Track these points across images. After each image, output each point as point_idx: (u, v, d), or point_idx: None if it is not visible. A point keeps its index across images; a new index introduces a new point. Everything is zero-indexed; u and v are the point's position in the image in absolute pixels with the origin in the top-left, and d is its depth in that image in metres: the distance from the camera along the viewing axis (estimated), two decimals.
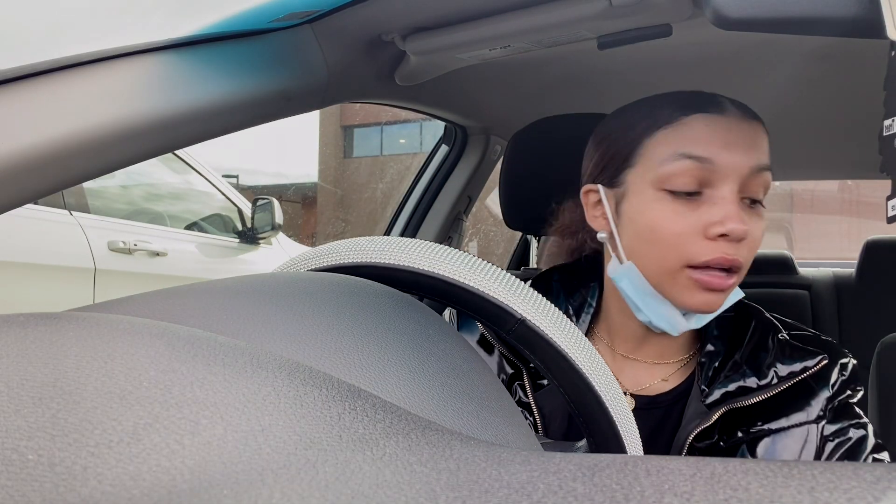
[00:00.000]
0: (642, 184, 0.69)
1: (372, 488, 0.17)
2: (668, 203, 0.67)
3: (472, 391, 0.29)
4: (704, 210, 0.66)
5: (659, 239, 0.67)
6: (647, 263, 0.69)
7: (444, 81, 0.99)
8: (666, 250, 0.66)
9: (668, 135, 0.68)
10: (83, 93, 0.52)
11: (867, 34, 0.46)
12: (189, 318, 0.27)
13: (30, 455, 0.17)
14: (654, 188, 0.67)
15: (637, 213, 0.69)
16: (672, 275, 0.67)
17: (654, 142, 0.69)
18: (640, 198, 0.69)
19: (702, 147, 0.66)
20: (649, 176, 0.68)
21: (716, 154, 0.65)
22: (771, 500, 0.15)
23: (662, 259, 0.67)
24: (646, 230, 0.68)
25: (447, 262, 0.37)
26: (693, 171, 0.65)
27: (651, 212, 0.67)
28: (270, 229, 3.38)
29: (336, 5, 0.71)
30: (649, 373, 0.76)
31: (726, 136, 0.66)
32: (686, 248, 0.65)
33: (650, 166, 0.68)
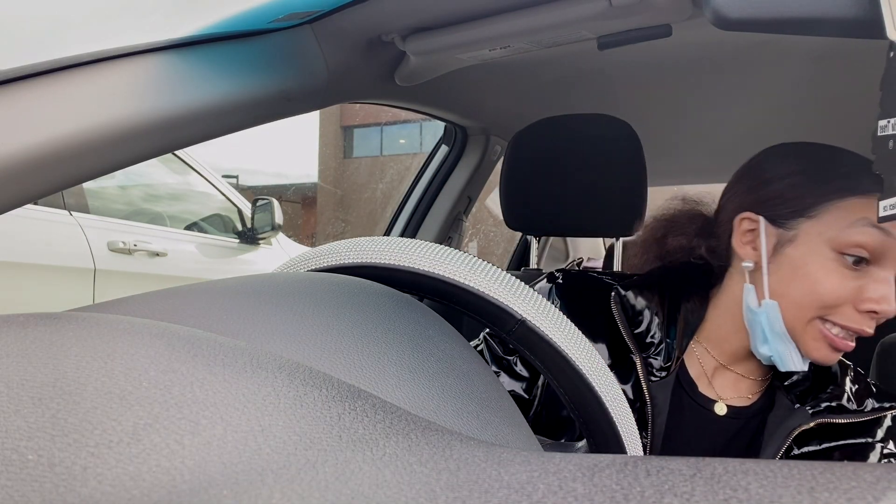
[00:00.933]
0: (816, 237, 0.70)
1: (372, 488, 0.17)
2: (838, 266, 0.68)
3: (472, 391, 0.29)
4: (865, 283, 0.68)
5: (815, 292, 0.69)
6: (789, 308, 0.71)
7: (444, 82, 0.99)
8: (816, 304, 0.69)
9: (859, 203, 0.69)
10: (83, 93, 0.52)
11: (867, 34, 0.46)
12: (189, 318, 0.27)
13: (30, 455, 0.17)
14: (829, 247, 0.69)
15: (802, 262, 0.70)
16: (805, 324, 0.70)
17: (846, 206, 0.69)
18: (810, 250, 0.70)
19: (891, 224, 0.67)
20: (829, 234, 0.69)
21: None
22: (771, 500, 0.15)
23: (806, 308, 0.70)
24: (807, 280, 0.70)
25: (447, 263, 0.37)
26: (874, 242, 0.67)
27: (819, 266, 0.69)
28: (270, 229, 3.38)
29: (336, 5, 0.71)
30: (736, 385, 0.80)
31: None
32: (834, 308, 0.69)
33: (833, 226, 0.69)
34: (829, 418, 0.74)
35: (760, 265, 0.74)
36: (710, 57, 1.08)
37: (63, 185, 0.54)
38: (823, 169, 0.73)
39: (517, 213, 1.14)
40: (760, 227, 0.74)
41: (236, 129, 0.68)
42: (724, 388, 0.80)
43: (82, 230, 2.61)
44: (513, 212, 1.14)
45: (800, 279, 0.70)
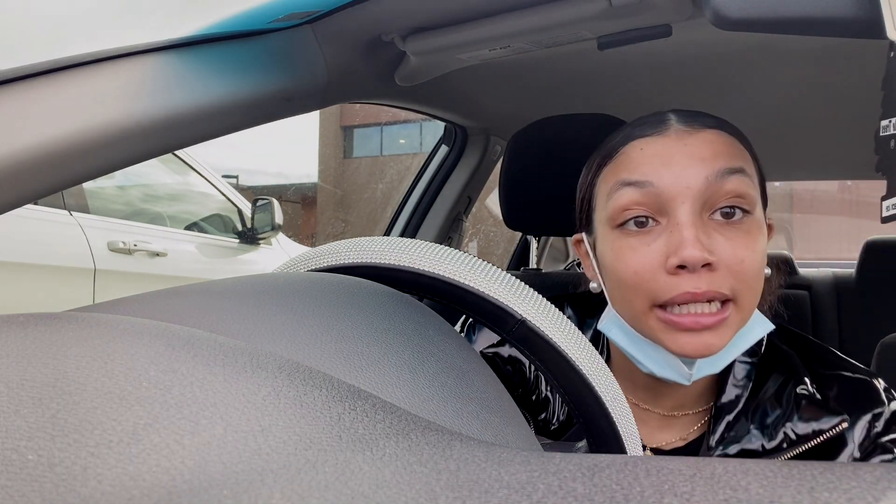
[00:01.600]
0: (602, 225, 0.64)
1: (372, 488, 0.17)
2: (623, 240, 0.61)
3: (472, 391, 0.29)
4: (661, 241, 0.59)
5: (621, 280, 0.61)
6: (620, 308, 0.63)
7: (444, 82, 0.99)
8: (630, 291, 0.60)
9: (610, 169, 0.64)
10: (83, 93, 0.52)
11: (867, 35, 0.46)
12: (189, 318, 0.27)
13: (30, 455, 0.17)
14: (609, 227, 0.63)
15: (603, 256, 0.64)
16: (644, 317, 0.60)
17: (602, 179, 0.65)
18: (603, 240, 0.64)
19: (637, 171, 0.60)
20: (604, 215, 0.63)
21: (653, 174, 0.59)
22: (771, 500, 0.15)
23: (630, 301, 0.61)
24: (611, 272, 0.63)
25: (447, 263, 0.37)
26: (637, 199, 0.60)
27: (610, 251, 0.62)
28: (270, 229, 3.38)
29: (336, 6, 0.71)
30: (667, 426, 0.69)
31: (665, 154, 0.60)
32: (648, 285, 0.59)
33: (602, 205, 0.64)
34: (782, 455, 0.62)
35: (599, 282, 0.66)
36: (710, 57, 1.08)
37: (63, 185, 0.54)
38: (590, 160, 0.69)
39: (517, 213, 1.14)
40: (584, 241, 0.69)
41: (236, 129, 0.68)
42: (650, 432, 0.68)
43: (82, 230, 2.62)
44: (513, 212, 1.14)
45: (609, 272, 0.63)
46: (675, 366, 0.61)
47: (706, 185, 0.58)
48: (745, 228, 0.59)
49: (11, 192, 0.49)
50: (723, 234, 0.58)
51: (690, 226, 0.57)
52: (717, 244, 0.57)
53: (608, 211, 0.62)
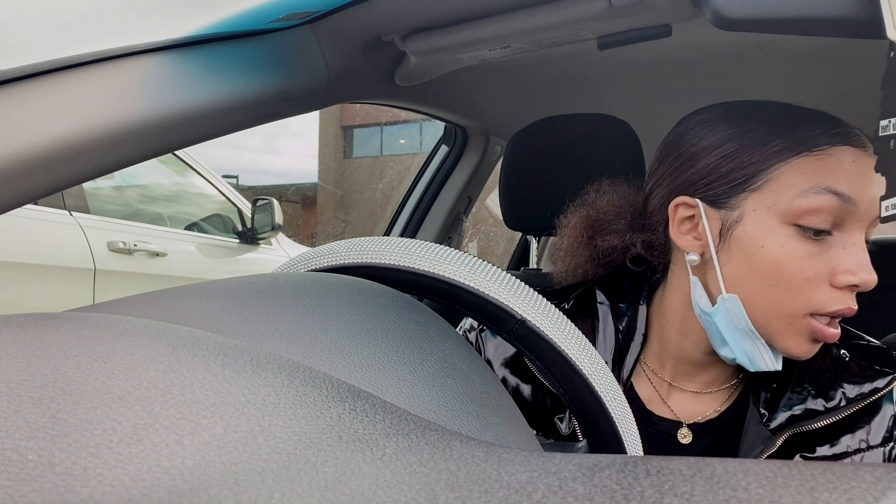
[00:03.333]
0: (765, 212, 0.60)
1: (372, 489, 0.17)
2: (796, 241, 0.59)
3: (472, 391, 0.29)
4: (833, 254, 0.59)
5: (784, 280, 0.59)
6: (758, 302, 0.61)
7: (443, 82, 0.99)
8: (790, 294, 0.59)
9: (810, 163, 0.59)
10: (83, 93, 0.52)
11: (867, 34, 0.46)
12: (189, 318, 0.27)
13: (29, 455, 0.17)
14: (782, 221, 0.59)
15: (756, 245, 0.60)
16: (791, 320, 0.60)
17: (792, 168, 0.60)
18: (760, 227, 0.60)
19: (851, 187, 0.58)
20: (779, 205, 0.59)
21: (860, 195, 0.58)
22: (771, 500, 0.15)
23: (783, 302, 0.60)
24: (768, 268, 0.60)
25: (447, 263, 0.37)
26: (833, 210, 0.58)
27: (776, 247, 0.59)
28: (270, 230, 3.38)
29: (336, 6, 0.71)
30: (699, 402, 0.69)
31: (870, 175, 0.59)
32: (813, 294, 0.59)
33: (781, 195, 0.59)
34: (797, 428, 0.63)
35: (708, 256, 0.63)
36: (709, 57, 1.08)
37: (63, 185, 0.54)
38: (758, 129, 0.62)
39: (517, 213, 1.14)
40: (700, 212, 0.63)
41: (236, 129, 0.68)
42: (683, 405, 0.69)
43: (82, 230, 2.62)
44: (512, 212, 1.14)
45: (762, 266, 0.60)
46: (761, 358, 0.62)
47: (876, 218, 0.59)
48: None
49: (11, 192, 0.49)
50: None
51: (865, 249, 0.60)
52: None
53: (791, 206, 0.59)
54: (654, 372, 0.70)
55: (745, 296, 0.61)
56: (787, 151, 0.60)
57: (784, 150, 0.60)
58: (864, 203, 0.59)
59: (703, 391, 0.69)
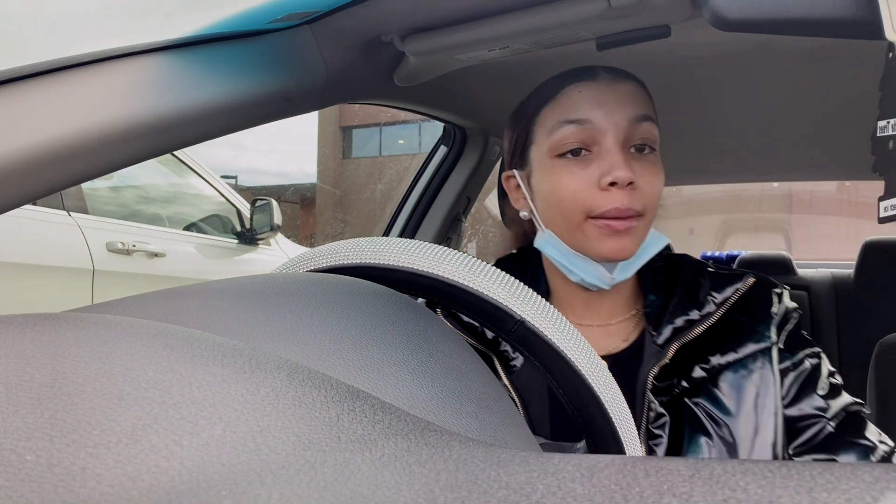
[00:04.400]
0: (541, 156, 0.77)
1: (371, 489, 0.17)
2: (563, 166, 0.74)
3: (471, 392, 0.29)
4: (595, 166, 0.73)
5: (561, 199, 0.74)
6: (559, 224, 0.76)
7: (442, 82, 0.99)
8: (569, 207, 0.73)
9: (552, 108, 0.77)
10: (83, 93, 0.52)
11: (865, 35, 0.46)
12: (187, 318, 0.27)
13: (28, 456, 0.17)
14: (549, 157, 0.75)
15: (542, 183, 0.77)
16: (579, 228, 0.74)
17: (543, 117, 0.77)
18: (542, 169, 0.77)
19: (579, 111, 0.74)
20: (545, 147, 0.76)
21: (591, 114, 0.73)
22: (770, 501, 0.15)
23: (568, 216, 0.74)
24: (550, 194, 0.76)
25: (446, 263, 0.37)
26: (576, 134, 0.73)
27: (551, 177, 0.75)
28: (269, 230, 3.38)
29: (335, 6, 0.71)
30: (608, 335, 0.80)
31: (598, 98, 0.74)
32: (585, 201, 0.72)
33: (543, 139, 0.76)
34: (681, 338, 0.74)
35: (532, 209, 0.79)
36: (708, 58, 1.08)
37: (63, 185, 0.54)
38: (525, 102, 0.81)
39: None
40: (517, 178, 0.81)
41: (235, 129, 0.68)
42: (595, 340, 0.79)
43: (81, 231, 2.61)
44: None
45: (548, 195, 0.76)
46: (600, 272, 0.75)
47: (628, 124, 0.73)
48: (652, 161, 0.75)
49: (11, 192, 0.49)
50: (638, 163, 0.74)
51: (619, 153, 0.72)
52: (634, 170, 0.72)
53: (549, 144, 0.75)
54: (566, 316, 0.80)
55: (552, 226, 0.77)
56: (538, 106, 0.78)
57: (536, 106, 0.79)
58: (599, 118, 0.73)
59: (608, 323, 0.81)
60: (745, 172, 1.98)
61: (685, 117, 1.39)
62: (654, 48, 0.79)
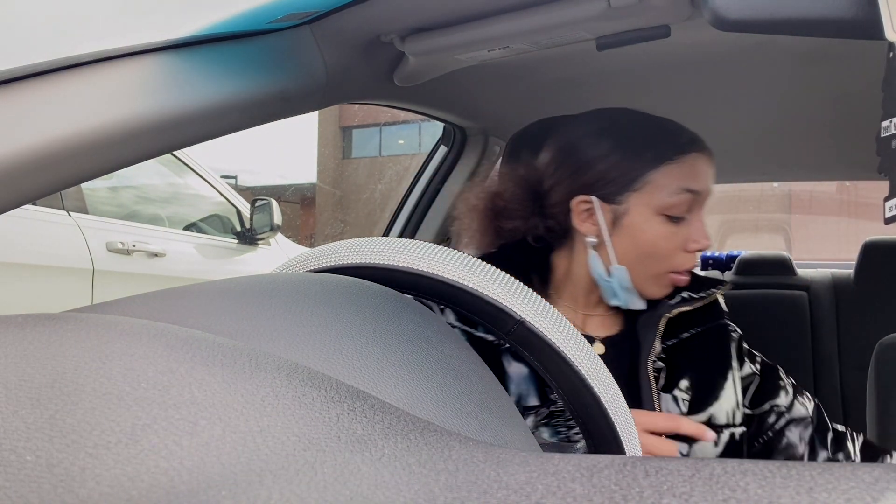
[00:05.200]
0: (644, 207, 0.83)
1: (371, 489, 0.17)
2: (665, 225, 0.83)
3: (471, 392, 0.29)
4: (685, 229, 0.84)
5: (655, 253, 0.84)
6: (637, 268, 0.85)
7: (442, 82, 0.99)
8: (659, 262, 0.84)
9: (672, 170, 0.83)
10: (83, 93, 0.52)
11: (865, 35, 0.46)
12: (187, 318, 0.27)
13: (28, 456, 0.17)
14: (655, 212, 0.83)
15: (639, 231, 0.84)
16: (658, 278, 0.86)
17: (660, 174, 0.83)
18: (641, 218, 0.84)
19: (699, 183, 0.83)
20: (653, 202, 0.83)
21: (705, 187, 0.84)
22: (769, 501, 0.15)
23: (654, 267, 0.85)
24: (645, 245, 0.84)
25: (446, 264, 0.37)
26: (689, 202, 0.83)
27: (652, 231, 0.83)
28: (269, 230, 3.38)
29: (335, 6, 0.71)
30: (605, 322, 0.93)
31: (709, 171, 0.85)
32: (674, 259, 0.84)
33: (655, 195, 0.83)
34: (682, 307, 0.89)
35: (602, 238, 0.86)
36: (708, 58, 1.08)
37: (63, 185, 0.54)
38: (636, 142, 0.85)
39: None
40: (595, 207, 0.85)
41: (235, 129, 0.68)
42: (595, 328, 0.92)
43: (81, 231, 2.61)
44: None
45: (640, 245, 0.84)
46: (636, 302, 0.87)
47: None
48: None
49: (11, 192, 0.49)
50: None
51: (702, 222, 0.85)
52: None
53: (662, 202, 0.82)
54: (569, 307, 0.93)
55: (629, 265, 0.85)
56: (656, 161, 0.83)
57: (654, 159, 0.83)
58: (707, 192, 0.85)
59: (607, 314, 0.93)
60: (745, 172, 1.98)
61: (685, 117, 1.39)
62: (654, 48, 0.79)
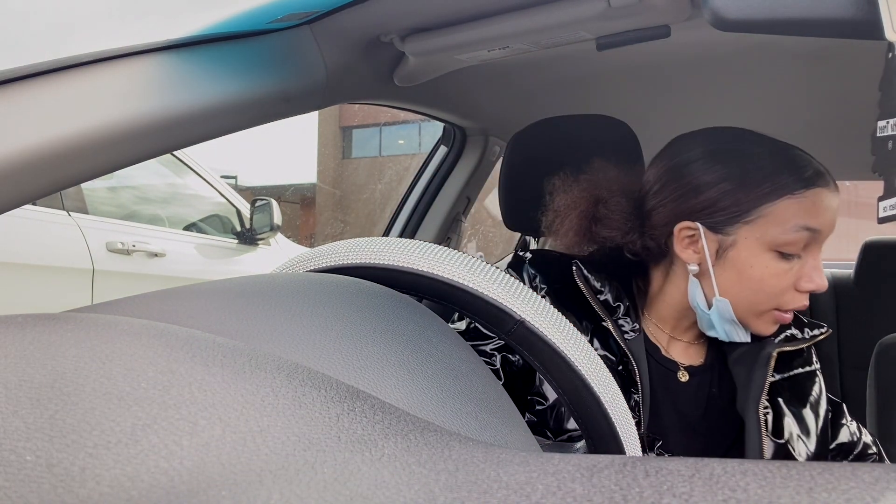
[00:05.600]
0: (755, 241, 0.76)
1: (370, 489, 0.17)
2: (777, 263, 0.76)
3: (471, 392, 0.29)
4: (799, 268, 0.76)
5: (763, 290, 0.77)
6: (742, 303, 0.79)
7: (442, 82, 0.99)
8: (765, 299, 0.77)
9: (791, 205, 0.74)
10: (83, 93, 0.52)
11: (865, 35, 0.46)
12: (187, 319, 0.27)
13: (28, 456, 0.17)
14: (767, 248, 0.75)
15: (747, 265, 0.77)
16: (761, 314, 0.79)
17: (777, 208, 0.75)
18: (751, 252, 0.76)
19: (819, 221, 0.75)
20: (767, 238, 0.75)
21: (825, 226, 0.76)
22: (769, 501, 0.15)
23: (759, 304, 0.78)
24: (753, 281, 0.77)
25: (446, 264, 0.37)
26: (806, 240, 0.75)
27: (762, 268, 0.76)
28: (269, 230, 3.37)
29: (335, 6, 0.71)
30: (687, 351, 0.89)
31: (834, 210, 0.76)
32: (781, 297, 0.77)
33: (769, 230, 0.75)
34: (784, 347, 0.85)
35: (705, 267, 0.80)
36: (708, 58, 1.08)
37: (63, 185, 0.54)
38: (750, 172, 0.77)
39: (516, 213, 1.14)
40: (700, 234, 0.79)
41: (235, 129, 0.68)
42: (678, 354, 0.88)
43: (81, 231, 2.61)
44: (511, 212, 1.14)
45: (747, 280, 0.77)
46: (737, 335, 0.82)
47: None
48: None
49: (11, 192, 0.49)
50: None
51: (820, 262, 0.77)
52: None
53: (776, 239, 0.75)
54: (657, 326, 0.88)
55: (732, 298, 0.79)
56: (774, 194, 0.75)
57: (772, 192, 0.75)
58: (827, 230, 0.76)
59: (693, 342, 0.89)
60: None
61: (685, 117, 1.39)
62: (654, 48, 0.79)
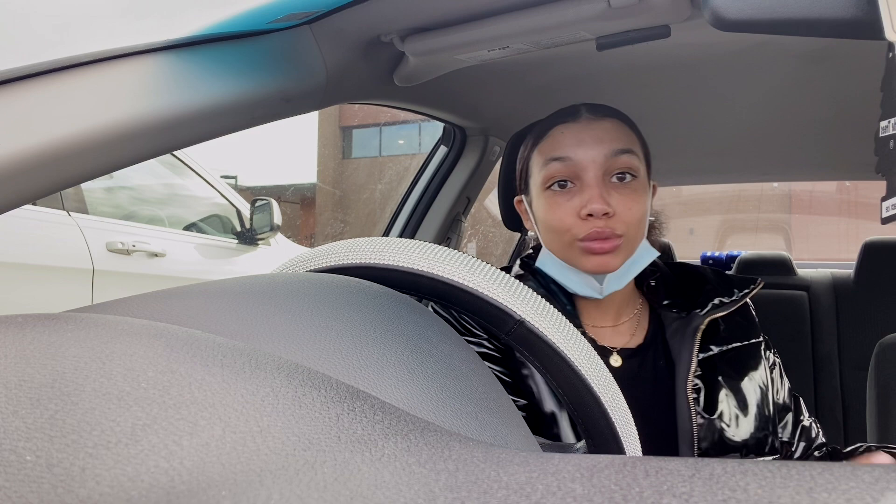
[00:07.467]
0: (536, 187, 0.91)
1: (370, 489, 0.17)
2: (551, 197, 0.88)
3: (471, 392, 0.29)
4: (577, 197, 0.86)
5: (551, 225, 0.88)
6: (554, 245, 0.89)
7: (442, 82, 0.99)
8: (558, 233, 0.87)
9: (542, 147, 0.90)
10: (83, 93, 0.52)
11: (865, 35, 0.46)
12: (187, 318, 0.27)
13: (28, 456, 0.17)
14: (542, 189, 0.89)
15: (538, 210, 0.91)
16: (569, 249, 0.87)
17: (536, 154, 0.91)
18: (537, 198, 0.91)
19: (561, 150, 0.87)
20: (538, 180, 0.90)
21: (571, 152, 0.86)
22: (770, 501, 0.15)
23: (559, 240, 0.88)
24: (543, 221, 0.90)
25: (446, 264, 0.37)
26: (560, 170, 0.87)
27: (544, 206, 0.89)
28: (269, 230, 3.38)
29: (335, 6, 0.71)
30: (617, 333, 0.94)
31: (578, 137, 0.87)
32: (570, 228, 0.86)
33: (537, 172, 0.90)
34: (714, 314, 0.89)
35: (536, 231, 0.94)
36: (708, 58, 1.08)
37: (63, 185, 0.54)
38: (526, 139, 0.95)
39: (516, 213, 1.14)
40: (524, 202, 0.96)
41: (235, 129, 0.68)
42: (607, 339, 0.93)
43: (81, 231, 2.61)
44: (511, 212, 1.14)
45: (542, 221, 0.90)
46: (590, 284, 0.88)
47: (605, 159, 0.85)
48: (633, 188, 0.86)
49: (11, 192, 0.49)
50: (618, 192, 0.85)
51: (595, 187, 0.84)
52: (613, 199, 0.85)
53: (541, 178, 0.89)
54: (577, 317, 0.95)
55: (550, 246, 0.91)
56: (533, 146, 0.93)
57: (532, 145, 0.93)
58: (578, 155, 0.86)
59: (617, 324, 0.94)
60: (745, 172, 1.98)
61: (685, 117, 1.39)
62: (654, 48, 0.79)
